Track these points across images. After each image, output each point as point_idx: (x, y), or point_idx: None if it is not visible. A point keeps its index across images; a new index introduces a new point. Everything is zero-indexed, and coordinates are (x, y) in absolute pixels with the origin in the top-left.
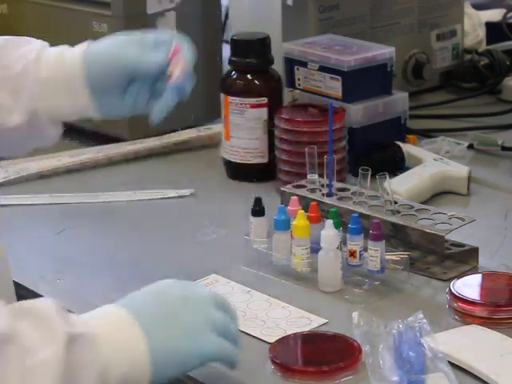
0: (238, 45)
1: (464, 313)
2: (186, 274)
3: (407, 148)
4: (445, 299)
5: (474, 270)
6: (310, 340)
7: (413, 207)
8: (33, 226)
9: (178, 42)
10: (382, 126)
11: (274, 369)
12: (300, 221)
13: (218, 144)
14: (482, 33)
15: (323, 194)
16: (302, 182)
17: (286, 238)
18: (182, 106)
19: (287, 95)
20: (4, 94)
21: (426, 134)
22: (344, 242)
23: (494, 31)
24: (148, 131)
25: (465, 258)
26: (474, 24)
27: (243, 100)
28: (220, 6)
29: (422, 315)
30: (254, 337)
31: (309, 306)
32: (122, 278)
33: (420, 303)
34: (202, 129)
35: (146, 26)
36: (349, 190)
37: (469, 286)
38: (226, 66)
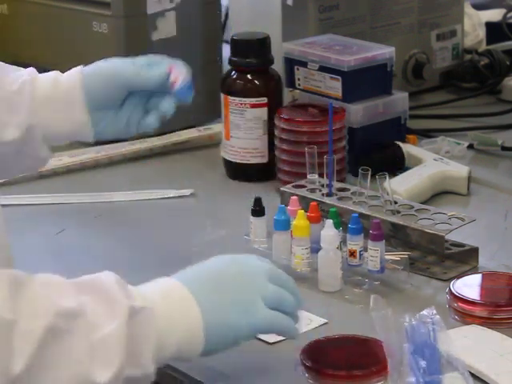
0: (238, 45)
1: (464, 313)
2: None
3: (407, 148)
4: (445, 299)
5: (473, 270)
6: (341, 344)
7: (413, 207)
8: (33, 226)
9: (172, 62)
10: (382, 126)
11: (304, 373)
12: (300, 221)
13: (218, 144)
14: (482, 33)
15: (323, 194)
16: (302, 182)
17: (286, 238)
18: (181, 106)
19: (287, 95)
20: (0, 111)
21: (426, 133)
22: (344, 241)
23: (494, 31)
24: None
25: (465, 258)
26: (474, 24)
27: (243, 100)
28: (220, 6)
29: (435, 311)
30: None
31: (309, 306)
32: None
33: (420, 303)
34: (201, 129)
35: (145, 25)
36: (349, 190)
37: (469, 286)
38: (226, 66)
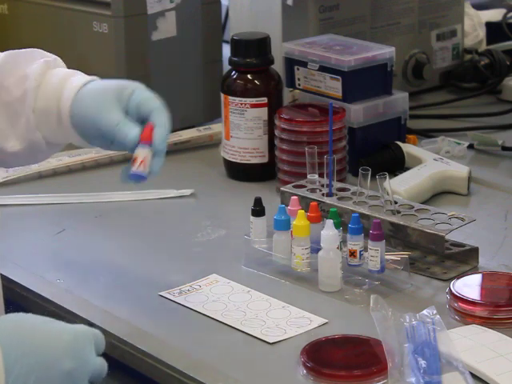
0: (237, 45)
1: (464, 313)
2: (186, 274)
3: (407, 148)
4: (445, 299)
5: (473, 270)
6: (341, 344)
7: (413, 207)
8: (33, 226)
9: (157, 118)
10: (382, 126)
11: (305, 373)
12: (300, 221)
13: (218, 144)
14: (482, 33)
15: (323, 194)
16: (302, 182)
17: (286, 237)
18: (182, 106)
19: (287, 95)
20: (2, 119)
21: (426, 133)
22: (344, 241)
23: (494, 31)
24: None
25: (465, 258)
26: (474, 24)
27: (243, 100)
28: (220, 5)
29: (435, 311)
30: (254, 337)
31: (309, 306)
32: (121, 278)
33: (420, 303)
34: (201, 129)
35: (145, 25)
36: (349, 190)
37: (469, 286)
38: (226, 66)
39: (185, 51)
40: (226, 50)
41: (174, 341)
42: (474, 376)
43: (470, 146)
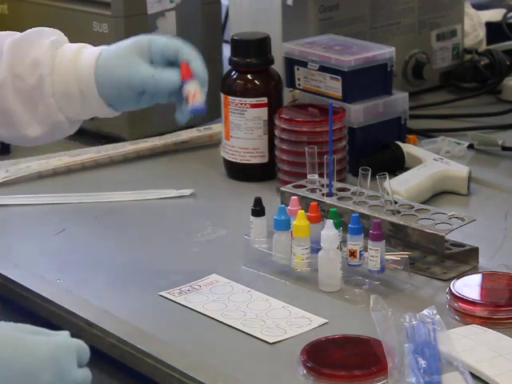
0: (238, 45)
1: (464, 313)
2: (186, 274)
3: (407, 148)
4: (445, 299)
5: (473, 270)
6: (341, 344)
7: (413, 207)
8: (33, 226)
9: (186, 54)
10: (382, 126)
11: (305, 373)
12: (300, 221)
13: (217, 144)
14: (482, 33)
15: (323, 194)
16: (302, 182)
17: (286, 237)
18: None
19: (287, 95)
20: (20, 108)
21: (426, 133)
22: (344, 241)
23: (494, 31)
24: (148, 131)
25: (465, 258)
26: (474, 24)
27: (243, 100)
28: (220, 5)
29: (435, 311)
30: (254, 337)
31: (309, 306)
32: (121, 278)
33: (420, 303)
34: (201, 129)
35: (145, 25)
36: (349, 190)
37: (469, 286)
38: (226, 66)
39: None
40: (226, 50)
41: (174, 341)
42: (474, 376)
43: (470, 146)
